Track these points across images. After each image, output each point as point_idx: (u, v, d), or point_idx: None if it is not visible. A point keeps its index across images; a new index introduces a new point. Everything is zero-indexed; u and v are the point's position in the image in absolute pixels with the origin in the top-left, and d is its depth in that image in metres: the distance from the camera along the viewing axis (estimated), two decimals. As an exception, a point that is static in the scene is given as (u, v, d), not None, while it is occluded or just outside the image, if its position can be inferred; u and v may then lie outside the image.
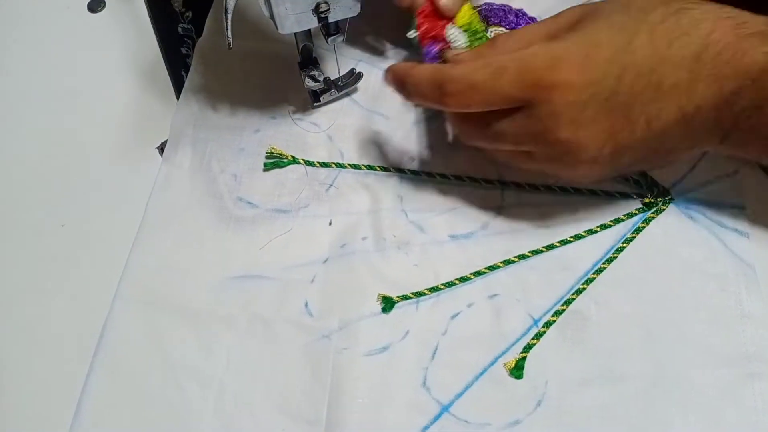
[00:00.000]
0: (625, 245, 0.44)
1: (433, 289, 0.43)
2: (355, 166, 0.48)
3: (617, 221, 0.45)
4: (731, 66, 0.34)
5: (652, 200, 0.45)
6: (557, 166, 0.39)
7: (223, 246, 0.45)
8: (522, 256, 0.44)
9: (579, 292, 0.42)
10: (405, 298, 0.43)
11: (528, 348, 0.41)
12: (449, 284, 0.43)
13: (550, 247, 0.44)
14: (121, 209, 0.48)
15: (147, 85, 0.54)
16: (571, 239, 0.44)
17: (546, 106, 0.35)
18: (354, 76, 0.50)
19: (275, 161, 0.48)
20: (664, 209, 0.45)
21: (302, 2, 0.41)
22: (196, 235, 0.46)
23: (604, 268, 0.43)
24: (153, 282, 0.44)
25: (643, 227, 0.44)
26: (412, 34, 0.42)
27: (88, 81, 0.55)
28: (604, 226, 0.45)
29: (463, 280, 0.43)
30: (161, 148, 0.50)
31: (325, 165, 0.48)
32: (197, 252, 0.45)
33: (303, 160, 0.48)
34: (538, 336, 0.41)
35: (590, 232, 0.45)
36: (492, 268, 0.44)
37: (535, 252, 0.44)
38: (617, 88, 0.35)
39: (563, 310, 0.42)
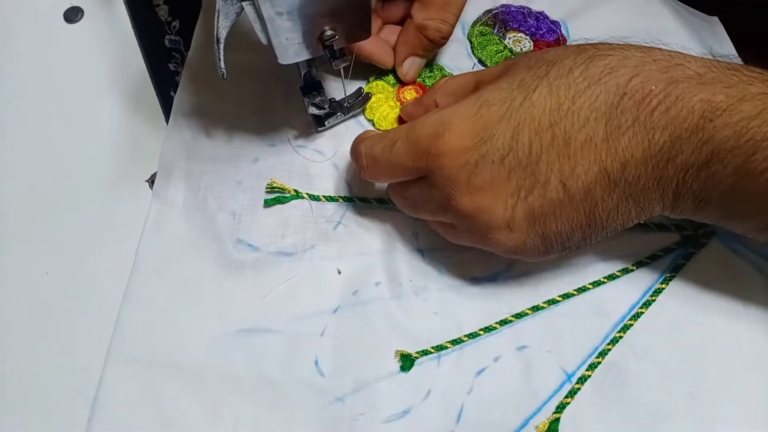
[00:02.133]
0: (663, 286, 0.40)
1: (456, 342, 0.39)
2: (364, 200, 0.43)
3: (654, 258, 0.41)
4: (660, 115, 0.30)
5: (692, 233, 0.41)
6: (476, 237, 0.35)
7: (223, 295, 0.41)
8: (552, 302, 0.40)
9: (615, 341, 0.39)
10: (425, 353, 0.39)
11: (561, 407, 0.37)
12: (473, 335, 0.40)
13: (582, 289, 0.40)
14: (110, 252, 0.43)
15: (133, 106, 0.48)
16: (605, 280, 0.40)
17: (439, 173, 0.34)
18: (362, 97, 0.45)
19: (277, 197, 0.43)
20: (705, 242, 0.41)
21: (305, 31, 0.36)
22: (194, 283, 0.42)
23: (642, 312, 0.39)
24: (149, 339, 0.40)
25: (683, 264, 0.41)
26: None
27: (66, 102, 0.49)
28: (640, 264, 0.41)
29: (488, 330, 0.40)
30: (152, 181, 0.45)
31: (331, 199, 0.43)
32: (196, 303, 0.41)
33: (307, 194, 0.43)
34: (572, 393, 0.38)
35: (625, 271, 0.41)
36: (519, 315, 0.40)
37: (566, 296, 0.40)
38: (513, 146, 0.32)
39: (598, 363, 0.38)
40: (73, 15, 0.52)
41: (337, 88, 0.45)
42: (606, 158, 0.31)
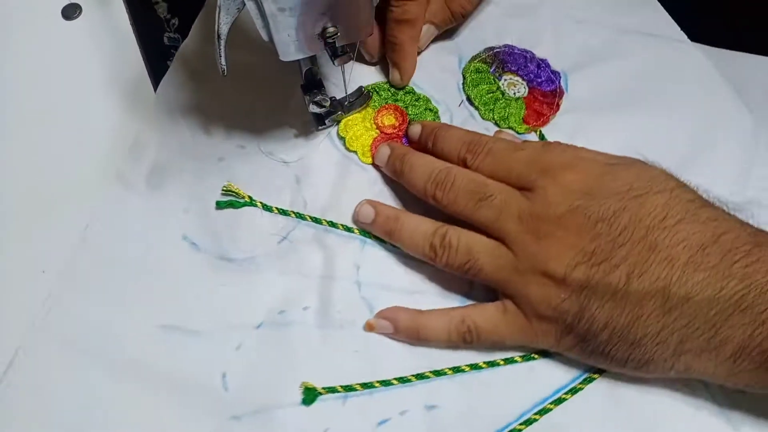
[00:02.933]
0: (596, 375, 0.37)
1: (366, 386, 0.38)
2: (315, 220, 0.42)
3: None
4: (739, 268, 0.31)
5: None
6: (520, 270, 0.35)
7: (159, 287, 0.41)
8: (475, 366, 0.38)
9: (530, 422, 0.37)
10: (332, 390, 0.38)
11: (454, 480, 0.36)
12: (385, 383, 0.38)
13: (510, 361, 0.38)
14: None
15: (131, 104, 0.48)
16: (536, 356, 0.38)
17: (542, 192, 0.35)
18: (362, 96, 0.45)
19: (230, 200, 0.43)
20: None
21: (307, 28, 0.35)
22: (134, 271, 0.42)
23: (565, 399, 0.37)
24: (77, 317, 0.41)
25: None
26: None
27: (64, 99, 0.49)
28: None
29: (403, 381, 0.38)
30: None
31: (283, 213, 0.43)
32: (131, 290, 0.41)
33: (261, 203, 0.43)
34: (470, 467, 0.36)
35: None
36: (438, 373, 0.38)
37: (491, 364, 0.38)
38: (611, 220, 0.34)
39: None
40: (71, 12, 0.52)
41: (339, 87, 0.45)
42: (675, 282, 0.32)
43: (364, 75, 0.47)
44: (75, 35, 0.51)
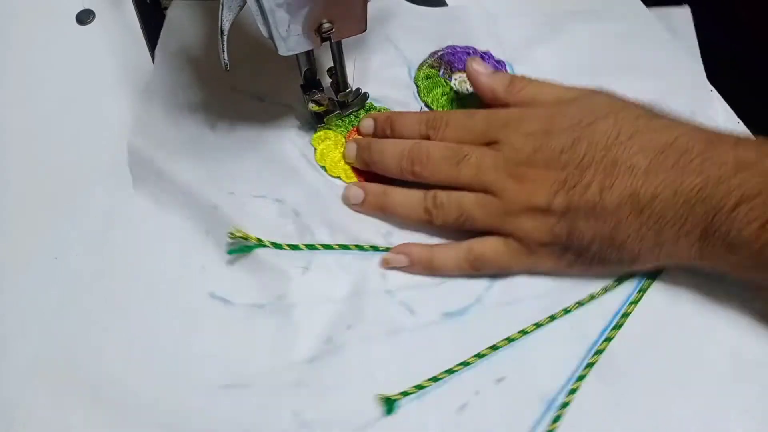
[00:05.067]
0: (631, 309, 0.41)
1: (435, 379, 0.39)
2: (327, 247, 0.43)
3: (620, 281, 0.42)
4: (697, 165, 0.35)
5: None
6: (508, 214, 0.39)
7: (204, 348, 0.40)
8: (524, 332, 0.40)
9: (590, 365, 0.39)
10: (405, 393, 0.38)
11: (548, 436, 0.37)
12: (451, 371, 0.39)
13: (553, 317, 0.41)
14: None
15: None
16: (574, 307, 0.41)
17: (507, 141, 0.40)
18: (359, 97, 0.47)
19: (240, 246, 0.42)
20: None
21: (304, 23, 0.37)
22: (177, 335, 0.41)
23: (613, 336, 0.40)
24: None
25: (648, 286, 0.42)
26: None
27: (79, 102, 0.50)
28: (605, 290, 0.42)
29: (466, 365, 0.39)
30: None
31: (294, 248, 0.43)
32: (181, 356, 0.40)
33: (270, 242, 0.43)
34: (556, 420, 0.38)
35: (592, 297, 0.41)
36: (494, 348, 0.40)
37: (538, 325, 0.41)
38: (572, 148, 0.38)
39: (577, 389, 0.39)
40: (84, 17, 0.54)
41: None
42: (641, 186, 0.36)
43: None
44: (88, 39, 0.54)
